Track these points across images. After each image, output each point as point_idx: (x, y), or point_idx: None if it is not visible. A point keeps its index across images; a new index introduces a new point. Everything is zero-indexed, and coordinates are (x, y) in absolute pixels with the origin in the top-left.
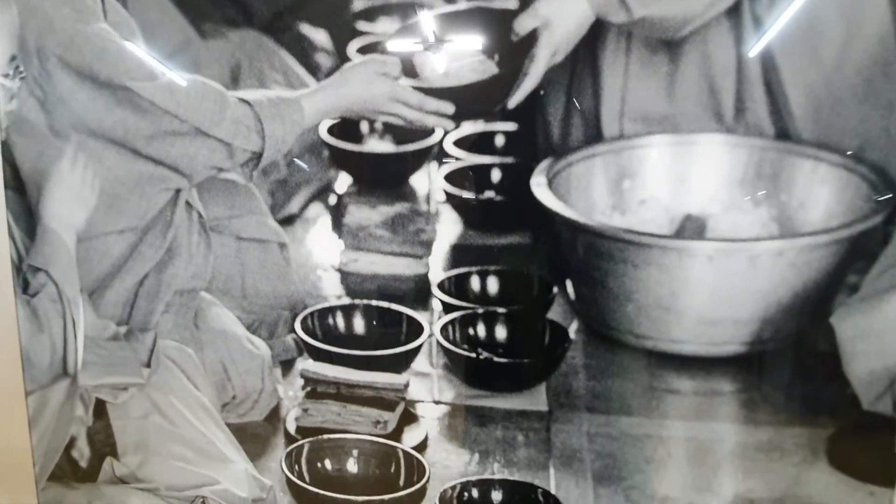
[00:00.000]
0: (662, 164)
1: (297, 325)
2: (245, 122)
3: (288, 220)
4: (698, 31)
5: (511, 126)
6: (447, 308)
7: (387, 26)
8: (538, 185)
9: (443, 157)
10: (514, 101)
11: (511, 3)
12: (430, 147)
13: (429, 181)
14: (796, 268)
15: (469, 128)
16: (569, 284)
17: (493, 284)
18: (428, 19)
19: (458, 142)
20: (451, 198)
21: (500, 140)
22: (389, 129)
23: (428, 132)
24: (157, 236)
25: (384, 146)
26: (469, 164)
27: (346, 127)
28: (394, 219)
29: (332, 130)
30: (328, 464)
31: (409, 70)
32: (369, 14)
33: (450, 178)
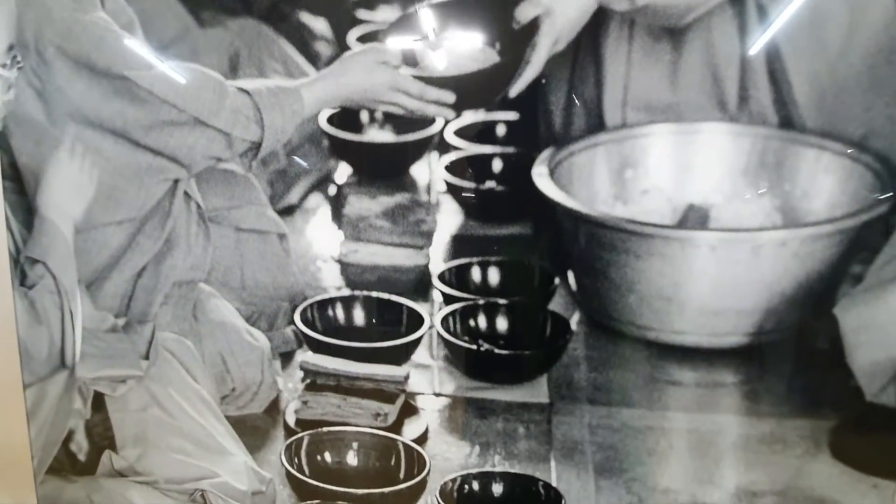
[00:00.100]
0: (665, 154)
1: (297, 317)
2: (244, 112)
3: (287, 211)
4: (702, 18)
5: (512, 115)
6: (448, 299)
7: (387, 14)
8: (540, 174)
9: (443, 147)
10: (515, 90)
11: None
12: (431, 137)
13: (429, 171)
14: (800, 258)
15: (470, 117)
16: (570, 275)
17: (494, 275)
18: (427, 13)
19: (459, 131)
20: (451, 188)
21: (501, 129)
22: (390, 119)
23: (428, 122)
24: (156, 227)
25: (384, 136)
26: (470, 154)
27: (346, 116)
28: (394, 209)
29: (331, 120)
30: (328, 456)
31: (410, 59)
32: (369, 2)
33: (450, 168)
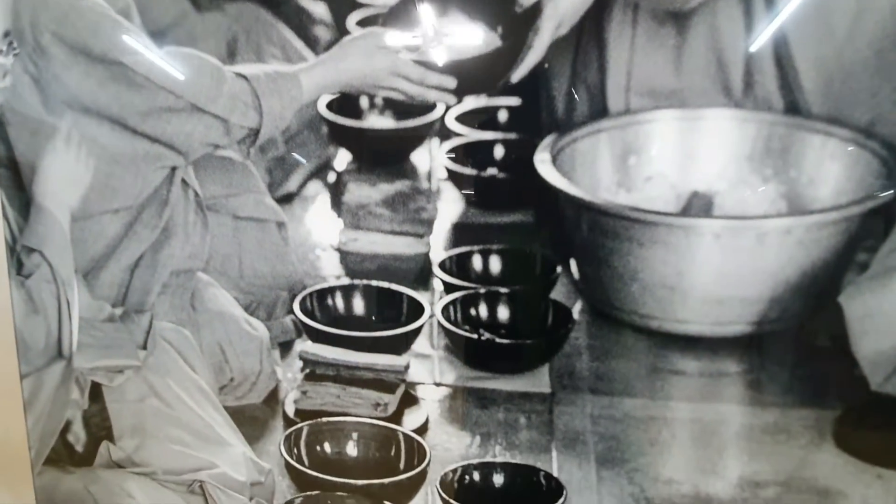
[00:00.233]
0: (669, 140)
1: (296, 306)
2: (242, 98)
3: (286, 199)
4: (707, 2)
5: (514, 101)
6: (448, 288)
7: None
8: (542, 161)
9: (444, 134)
10: (517, 75)
11: None
12: (432, 123)
13: (430, 158)
14: (805, 246)
15: (471, 103)
16: (573, 264)
17: (495, 264)
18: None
19: (461, 117)
20: (452, 175)
21: (503, 115)
22: (390, 105)
23: (429, 107)
24: (153, 216)
25: (384, 122)
26: (471, 141)
27: (346, 102)
28: (394, 197)
29: (331, 106)
30: (327, 447)
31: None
32: None
33: (452, 154)
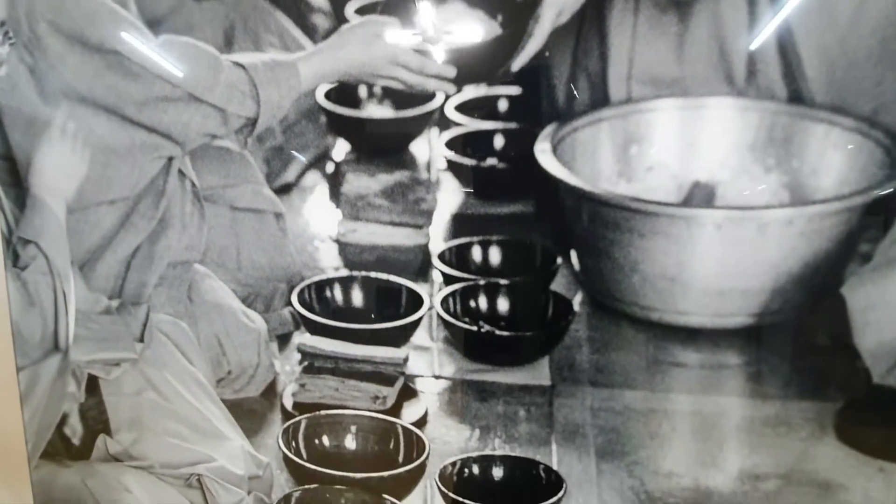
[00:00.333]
0: (671, 129)
1: (294, 298)
2: (239, 87)
3: (284, 189)
4: None
5: (514, 90)
6: (448, 280)
7: None
8: (542, 151)
9: (444, 123)
10: (517, 63)
11: None
12: (431, 112)
13: (429, 148)
14: (807, 237)
15: (471, 92)
16: (573, 255)
17: (495, 255)
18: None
19: (460, 107)
20: (452, 165)
21: (503, 105)
22: (389, 94)
23: (428, 97)
24: (150, 206)
25: (383, 111)
26: (471, 130)
27: (344, 91)
28: (393, 187)
29: (329, 95)
30: (326, 440)
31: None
32: None
33: (451, 144)
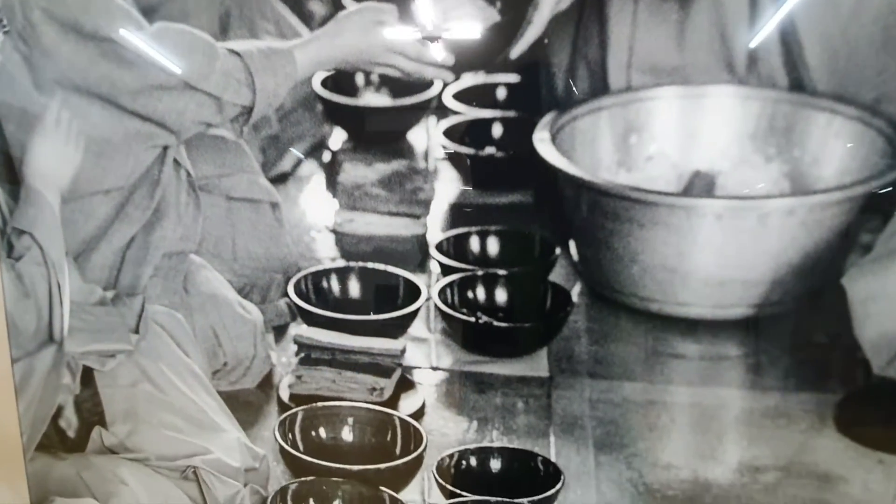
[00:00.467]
0: (671, 118)
1: (290, 289)
2: (235, 75)
3: (280, 179)
4: None
5: (513, 78)
6: (446, 270)
7: None
8: (541, 140)
9: (442, 111)
10: (516, 51)
11: None
12: (429, 100)
13: (427, 137)
14: (807, 227)
15: (469, 80)
16: (572, 245)
17: (493, 245)
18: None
19: (458, 95)
20: (450, 154)
21: (501, 93)
22: (386, 82)
23: (426, 85)
24: (145, 196)
25: (381, 100)
26: (469, 119)
27: (341, 79)
28: (390, 177)
29: (325, 83)
30: (323, 432)
31: (407, 19)
32: None
33: (449, 133)
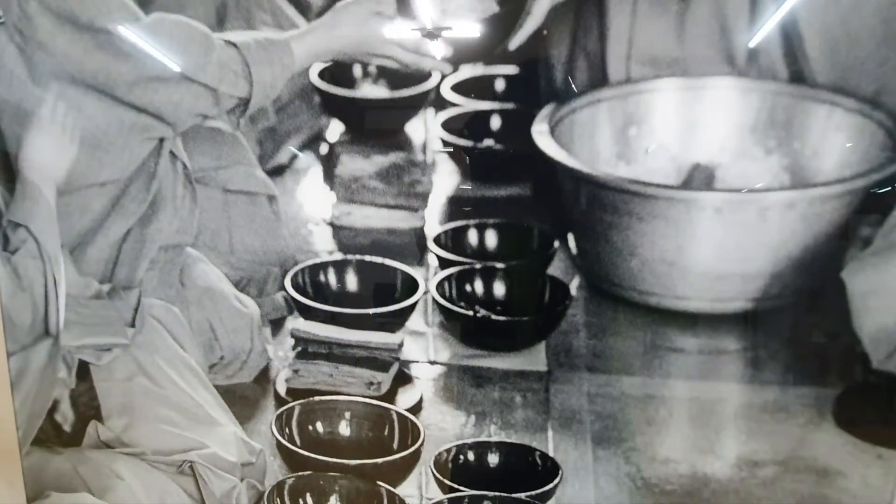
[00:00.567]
0: (670, 111)
1: (287, 282)
2: (231, 67)
3: (277, 171)
4: None
5: (512, 69)
6: (443, 263)
7: None
8: (540, 132)
9: (440, 103)
10: (515, 42)
11: None
12: (427, 92)
13: (425, 129)
14: (807, 220)
15: (468, 71)
16: (570, 238)
17: (491, 238)
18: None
19: (456, 86)
20: (448, 147)
21: (500, 84)
22: (384, 74)
23: (424, 76)
24: (141, 189)
25: (378, 91)
26: (467, 111)
27: (339, 71)
28: (388, 169)
29: (323, 75)
30: (320, 426)
31: (405, 10)
32: None
33: (447, 125)
